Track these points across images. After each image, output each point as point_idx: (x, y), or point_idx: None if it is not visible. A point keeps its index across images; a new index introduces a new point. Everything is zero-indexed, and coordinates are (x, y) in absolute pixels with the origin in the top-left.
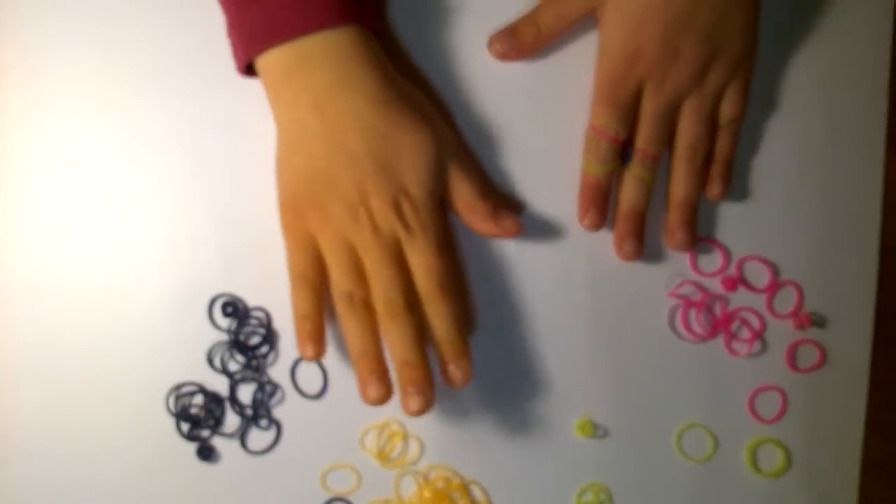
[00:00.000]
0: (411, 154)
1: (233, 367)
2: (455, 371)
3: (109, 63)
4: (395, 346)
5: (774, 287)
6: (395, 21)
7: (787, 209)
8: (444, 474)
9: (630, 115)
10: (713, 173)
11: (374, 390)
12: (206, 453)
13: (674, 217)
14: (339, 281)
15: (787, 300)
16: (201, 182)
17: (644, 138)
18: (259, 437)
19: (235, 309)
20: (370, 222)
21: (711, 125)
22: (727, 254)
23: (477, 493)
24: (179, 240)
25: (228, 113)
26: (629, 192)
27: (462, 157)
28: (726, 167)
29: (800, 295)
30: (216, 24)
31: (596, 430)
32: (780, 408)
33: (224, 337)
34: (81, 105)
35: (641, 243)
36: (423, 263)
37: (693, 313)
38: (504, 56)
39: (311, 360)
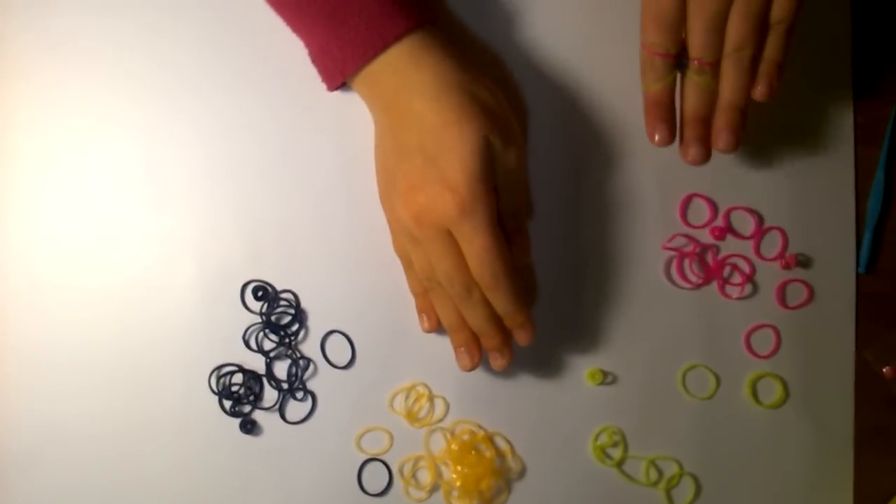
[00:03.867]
0: (457, 148)
1: (267, 345)
2: (519, 335)
3: (136, 70)
4: (470, 321)
5: (760, 233)
6: None
7: (766, 160)
8: (470, 428)
9: (678, 27)
10: (759, 73)
11: (462, 361)
12: (249, 426)
13: (719, 119)
14: (417, 267)
15: (772, 244)
16: (224, 179)
17: (696, 49)
18: (296, 409)
19: (265, 293)
20: (420, 216)
21: (760, 27)
22: (714, 206)
23: (501, 442)
24: (207, 234)
25: (247, 114)
26: (690, 99)
27: (512, 140)
28: (773, 68)
29: (784, 238)
30: (235, 28)
31: (605, 378)
32: (775, 344)
33: (257, 319)
34: (111, 114)
35: (707, 148)
36: (470, 252)
37: (687, 263)
38: None
39: (426, 332)
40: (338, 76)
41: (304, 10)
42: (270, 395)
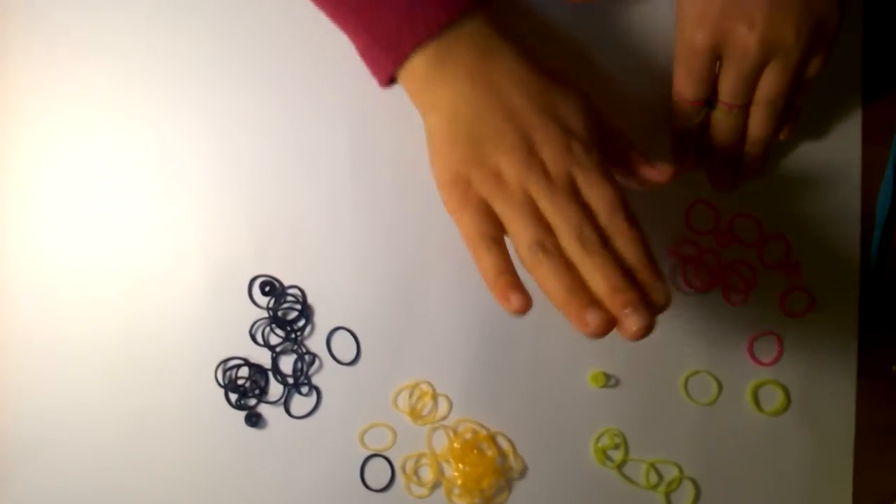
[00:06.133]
0: (568, 100)
1: (273, 340)
2: (656, 294)
3: (147, 62)
4: (600, 277)
5: (764, 241)
6: None
7: (773, 166)
8: (472, 427)
9: (710, 79)
10: (787, 119)
11: (595, 316)
12: (254, 420)
13: (749, 152)
14: (525, 233)
15: (776, 252)
16: (233, 173)
17: (727, 95)
18: (301, 403)
19: (272, 288)
20: (543, 169)
21: (795, 83)
22: (719, 213)
23: (503, 442)
24: (216, 228)
25: (258, 108)
26: (718, 134)
27: (602, 112)
28: (797, 115)
29: (788, 246)
30: (247, 20)
31: (608, 380)
32: (777, 351)
33: (264, 314)
34: (122, 106)
35: (733, 176)
36: (602, 196)
37: (691, 269)
38: None
39: (519, 311)
40: (399, 56)
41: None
42: (276, 389)
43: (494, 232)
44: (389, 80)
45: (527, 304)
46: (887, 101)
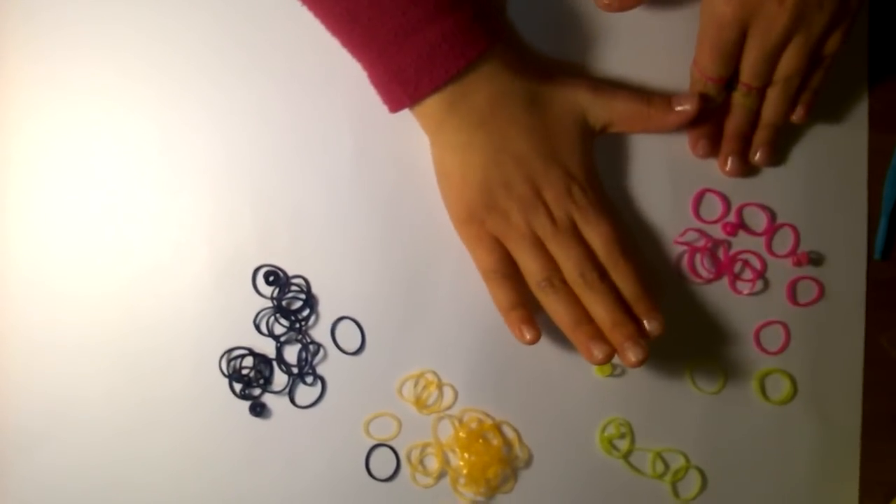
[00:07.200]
0: (567, 137)
1: (278, 330)
2: (650, 323)
3: (151, 53)
4: (602, 310)
5: (772, 230)
6: None
7: (781, 156)
8: (478, 416)
9: (734, 55)
10: (801, 99)
11: (599, 350)
12: (259, 410)
13: (759, 136)
14: (535, 270)
15: (784, 241)
16: (237, 163)
17: (748, 75)
18: (306, 393)
19: (277, 278)
20: (547, 212)
21: (812, 60)
22: (727, 201)
23: (508, 431)
24: (220, 218)
25: (261, 98)
26: (734, 117)
27: (602, 89)
28: (813, 95)
29: (796, 236)
30: (250, 11)
31: (614, 370)
32: (784, 340)
33: (268, 304)
34: (125, 97)
35: (745, 160)
36: (599, 234)
37: (698, 258)
38: (610, 7)
39: (530, 343)
40: (416, 94)
41: (377, 31)
42: (280, 379)
43: (506, 268)
44: (400, 110)
45: (537, 337)
46: (894, 89)
